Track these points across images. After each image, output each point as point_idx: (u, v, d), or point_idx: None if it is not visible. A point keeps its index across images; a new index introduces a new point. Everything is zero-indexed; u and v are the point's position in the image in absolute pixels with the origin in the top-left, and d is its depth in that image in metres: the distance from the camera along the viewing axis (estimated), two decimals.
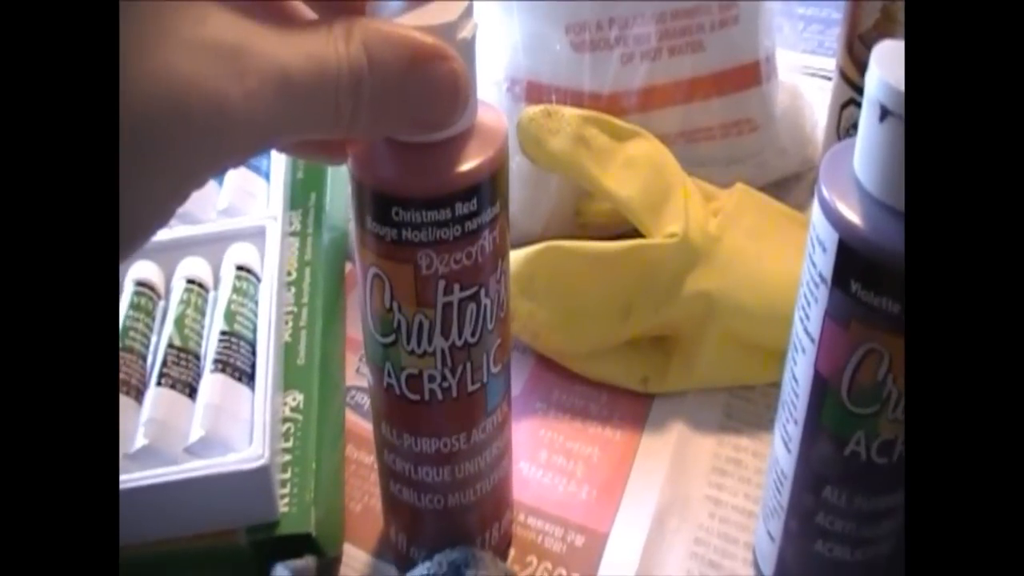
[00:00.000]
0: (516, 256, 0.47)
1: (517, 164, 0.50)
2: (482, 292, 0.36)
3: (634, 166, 0.49)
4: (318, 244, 0.52)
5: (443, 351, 0.36)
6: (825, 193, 0.34)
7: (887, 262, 0.32)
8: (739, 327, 0.47)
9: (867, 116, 0.32)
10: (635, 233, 0.49)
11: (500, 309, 0.37)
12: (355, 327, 0.51)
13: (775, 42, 0.56)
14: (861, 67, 0.49)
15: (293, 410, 0.45)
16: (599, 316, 0.47)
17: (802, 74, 0.62)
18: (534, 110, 0.49)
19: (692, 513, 0.43)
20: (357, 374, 0.50)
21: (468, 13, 0.34)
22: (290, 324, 0.48)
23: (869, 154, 0.33)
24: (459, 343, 0.36)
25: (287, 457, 0.43)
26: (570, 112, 0.49)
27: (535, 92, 0.52)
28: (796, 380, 0.37)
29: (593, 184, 0.48)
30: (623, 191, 0.48)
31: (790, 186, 0.57)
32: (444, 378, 0.37)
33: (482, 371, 0.37)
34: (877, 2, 0.49)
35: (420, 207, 0.34)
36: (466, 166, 0.34)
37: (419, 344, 0.36)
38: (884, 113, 0.31)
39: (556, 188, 0.51)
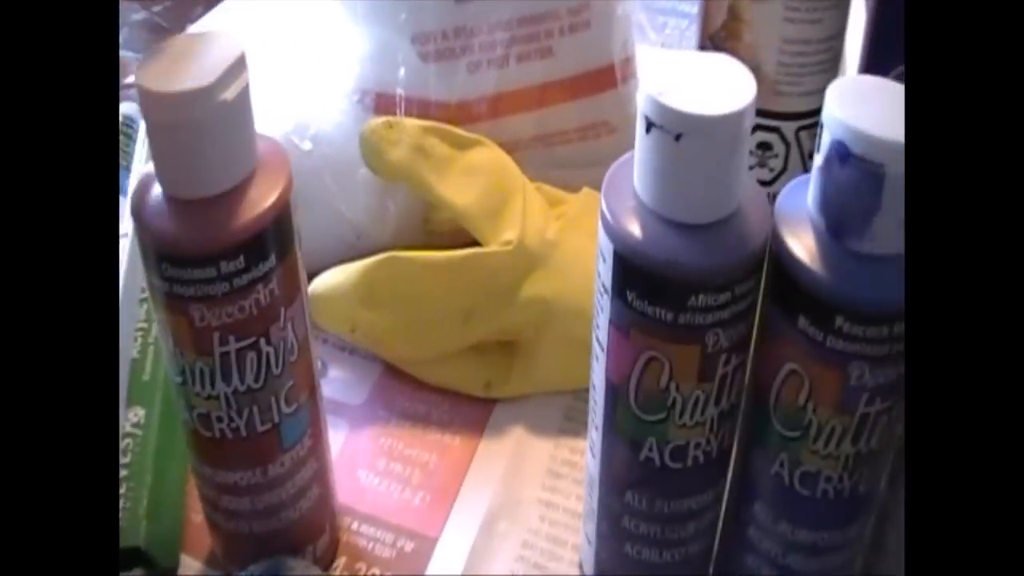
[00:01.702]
0: (356, 267, 0.47)
1: (364, 174, 0.50)
2: (262, 341, 0.36)
3: (473, 174, 0.49)
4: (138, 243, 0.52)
5: (226, 395, 0.37)
6: (605, 206, 0.34)
7: (658, 271, 0.32)
8: (577, 330, 0.46)
9: (638, 129, 0.32)
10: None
11: (290, 354, 0.37)
12: None
13: (634, 42, 0.56)
14: None
15: (134, 426, 0.45)
16: (440, 323, 0.47)
17: None
18: (376, 122, 0.49)
19: (523, 516, 0.43)
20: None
21: (234, 71, 0.33)
22: (139, 340, 0.48)
23: (642, 167, 0.33)
24: (242, 388, 0.36)
25: (123, 472, 0.43)
26: (411, 123, 0.49)
27: (384, 103, 0.52)
28: (595, 387, 0.37)
29: (430, 193, 0.48)
30: (460, 199, 0.48)
31: None
32: (231, 419, 0.37)
33: (272, 412, 0.37)
34: (725, 1, 0.49)
35: (185, 264, 0.34)
36: (232, 225, 0.34)
37: (203, 387, 0.36)
38: (649, 125, 0.31)
39: (404, 197, 0.51)
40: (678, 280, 0.32)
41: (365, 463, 0.46)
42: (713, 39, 0.50)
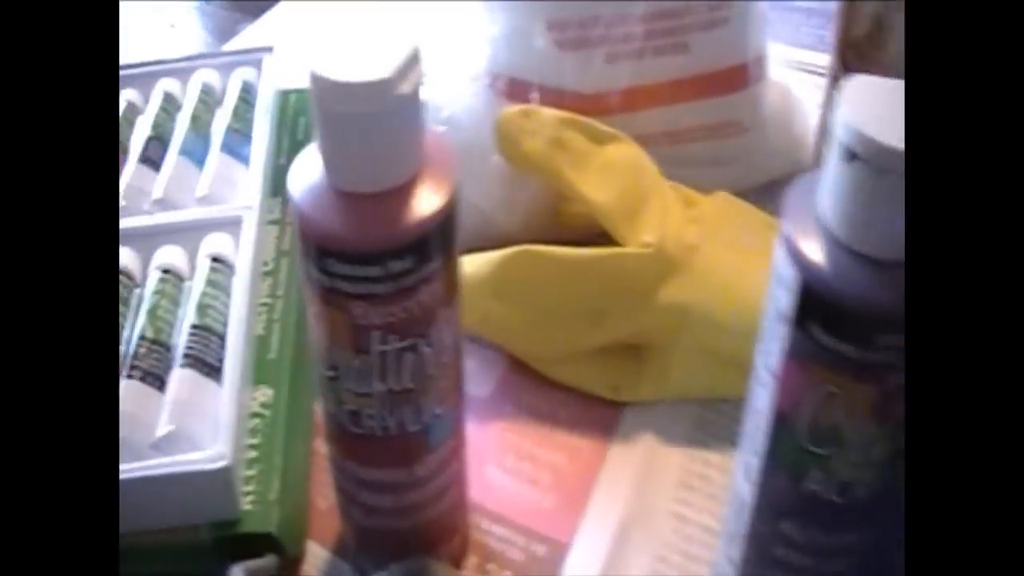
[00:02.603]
0: (490, 259, 0.46)
1: (497, 161, 0.48)
2: (421, 342, 0.35)
3: (611, 171, 0.47)
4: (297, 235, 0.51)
5: (381, 394, 0.35)
6: (788, 230, 0.32)
7: (849, 307, 0.31)
8: (713, 340, 0.45)
9: (835, 156, 0.31)
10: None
11: (444, 355, 0.36)
12: None
13: (766, 40, 0.54)
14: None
15: (262, 406, 0.44)
16: (571, 322, 0.46)
17: (797, 70, 0.60)
18: (512, 110, 0.48)
19: (656, 529, 0.42)
20: None
21: (410, 63, 0.32)
22: (264, 316, 0.47)
23: (835, 195, 0.31)
24: (397, 388, 0.35)
25: (253, 454, 0.42)
26: (548, 113, 0.48)
27: (516, 89, 0.51)
28: (757, 412, 0.36)
29: (568, 188, 0.47)
30: (598, 196, 0.47)
31: (778, 188, 0.55)
32: (383, 418, 0.36)
33: (423, 413, 0.36)
34: (870, 3, 0.47)
35: (352, 261, 0.33)
36: (402, 223, 0.33)
37: (358, 385, 0.35)
38: (852, 156, 0.30)
39: (535, 187, 0.50)
40: (868, 317, 0.31)
41: (493, 459, 0.45)
42: (854, 47, 0.48)
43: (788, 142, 0.55)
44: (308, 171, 0.35)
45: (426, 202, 0.33)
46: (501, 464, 0.45)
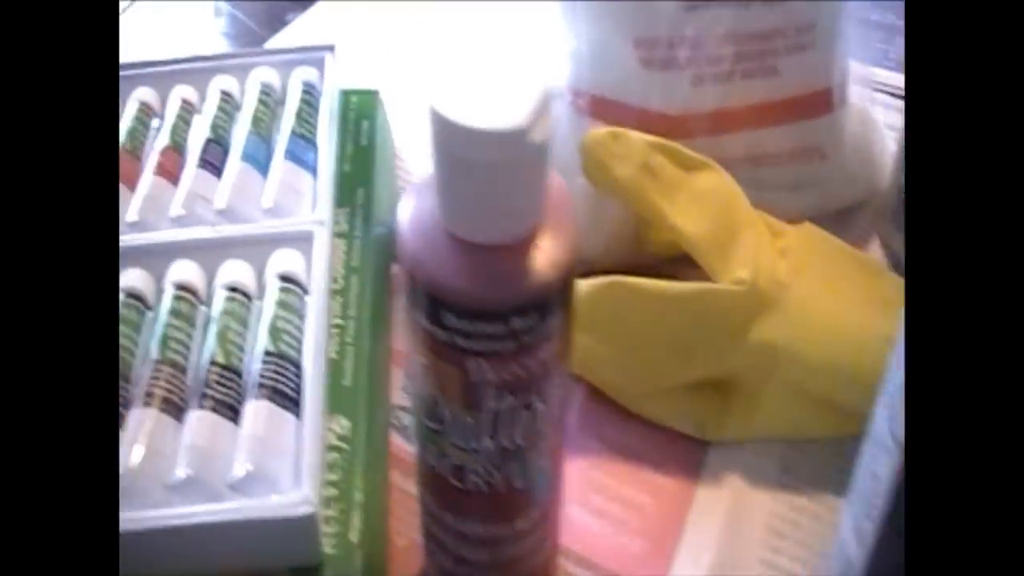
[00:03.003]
0: (578, 288, 0.44)
1: (581, 184, 0.46)
2: (536, 399, 0.33)
3: (702, 201, 0.45)
4: (367, 248, 0.49)
5: (490, 451, 0.33)
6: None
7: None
8: (804, 380, 0.43)
9: None
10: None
11: (555, 409, 0.34)
12: (402, 340, 0.48)
13: (848, 64, 0.52)
14: None
15: (339, 438, 0.42)
16: (660, 357, 0.44)
17: (866, 88, 0.58)
18: (600, 132, 0.45)
19: None
20: (403, 392, 0.47)
21: (542, 107, 0.29)
22: (336, 339, 0.45)
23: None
24: (507, 445, 0.33)
25: (332, 491, 0.40)
26: (638, 137, 0.45)
27: (600, 107, 0.48)
28: (877, 478, 0.34)
29: (658, 217, 0.45)
30: (690, 227, 0.44)
31: (854, 213, 0.53)
32: (489, 474, 0.34)
33: (530, 469, 0.34)
34: None
35: (473, 317, 0.30)
36: (529, 278, 0.30)
37: (465, 441, 0.33)
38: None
39: (618, 212, 0.47)
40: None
41: (577, 497, 0.43)
42: None
43: (866, 168, 0.53)
44: (420, 213, 0.32)
45: (553, 255, 0.31)
46: (587, 504, 0.43)
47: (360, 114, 0.55)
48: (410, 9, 0.67)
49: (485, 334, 0.31)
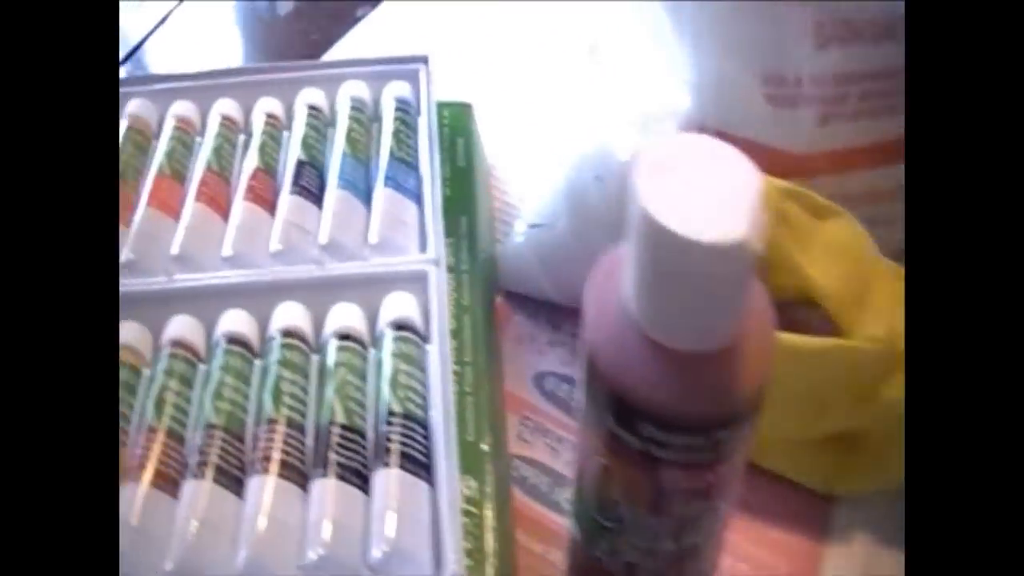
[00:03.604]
0: None
1: None
2: (722, 501, 0.31)
3: (833, 250, 0.43)
4: (475, 284, 0.46)
5: (670, 551, 0.31)
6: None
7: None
8: None
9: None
10: (812, 303, 0.44)
11: (732, 502, 0.32)
12: (512, 380, 0.46)
13: None
14: None
15: (467, 500, 0.39)
16: (790, 411, 0.42)
17: None
18: None
19: None
20: (519, 440, 0.44)
21: (758, 208, 0.27)
22: (454, 389, 0.42)
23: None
24: (686, 545, 0.31)
25: (468, 561, 0.38)
26: (770, 183, 0.43)
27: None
28: None
29: (792, 267, 0.42)
30: (823, 278, 0.42)
31: None
32: (663, 572, 0.32)
33: (703, 563, 0.33)
34: None
35: (674, 430, 0.28)
36: (736, 389, 0.28)
37: (643, 541, 0.31)
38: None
39: None
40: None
41: None
42: None
43: None
44: (608, 308, 0.30)
45: (758, 361, 0.29)
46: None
47: (454, 130, 0.51)
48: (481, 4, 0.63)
49: (684, 445, 0.29)
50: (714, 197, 0.27)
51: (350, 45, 0.60)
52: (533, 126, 0.56)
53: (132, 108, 0.51)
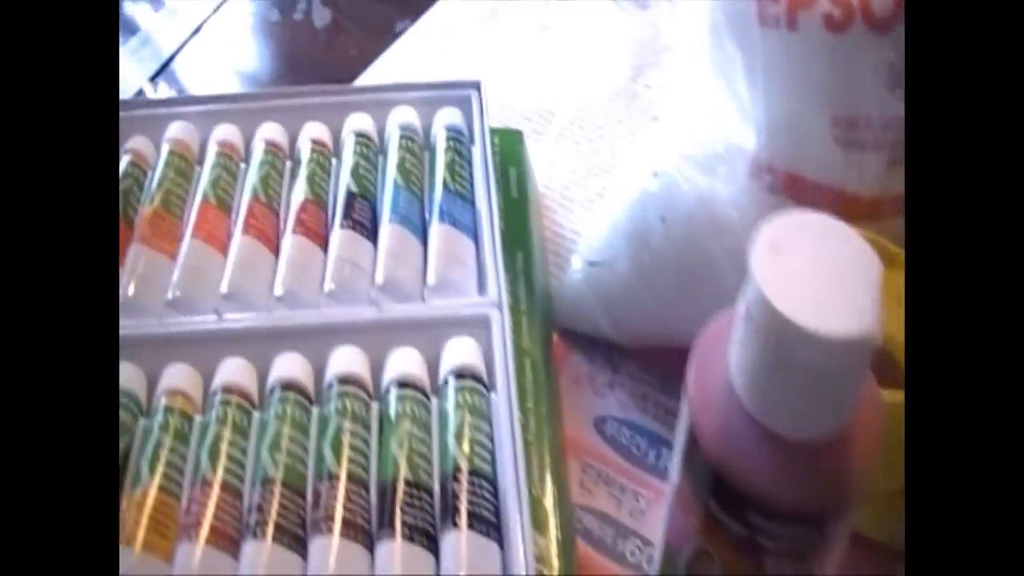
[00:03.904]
0: None
1: None
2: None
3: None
4: (533, 324, 0.44)
5: None
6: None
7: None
8: None
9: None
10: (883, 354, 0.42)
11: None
12: (571, 424, 0.44)
13: None
14: None
15: (536, 558, 0.38)
16: None
17: None
18: None
19: None
20: (582, 489, 0.43)
21: (877, 304, 0.26)
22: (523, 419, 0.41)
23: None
24: None
25: None
26: None
27: (792, 185, 0.44)
28: None
29: None
30: (899, 333, 0.41)
31: None
32: None
33: None
34: None
35: (782, 520, 0.27)
36: (849, 478, 0.27)
37: None
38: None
39: None
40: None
41: None
42: None
43: None
44: (714, 387, 0.28)
45: (869, 449, 0.27)
46: None
47: (506, 158, 0.49)
48: (525, 17, 0.61)
49: (792, 535, 0.27)
50: (834, 284, 0.26)
51: (391, 62, 0.58)
52: (582, 154, 0.54)
53: (173, 132, 0.49)
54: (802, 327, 0.25)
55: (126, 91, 0.57)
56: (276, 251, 0.44)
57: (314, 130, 0.49)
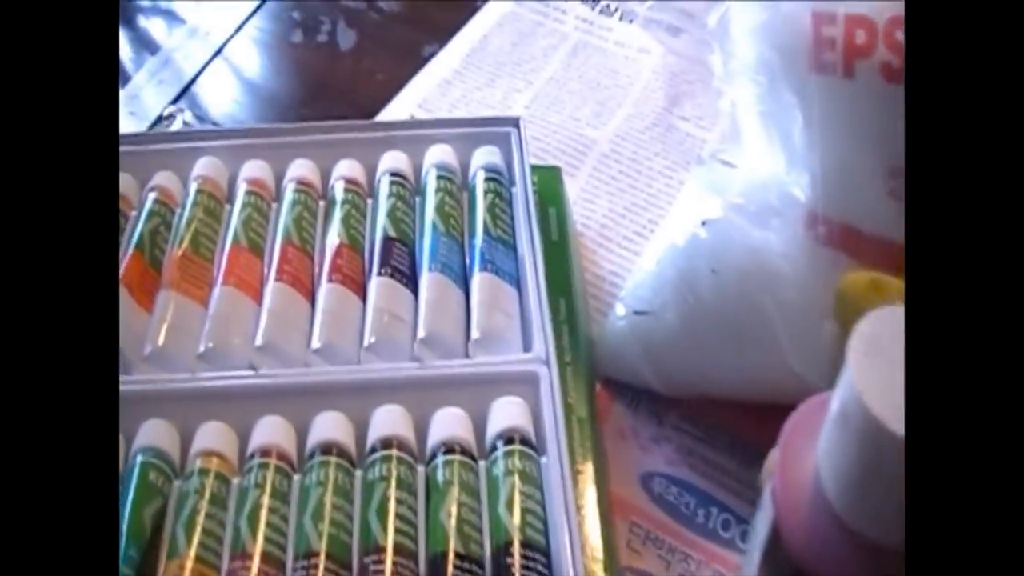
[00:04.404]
0: None
1: (830, 329, 0.40)
2: None
3: None
4: (579, 377, 0.42)
5: None
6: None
7: None
8: None
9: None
10: None
11: None
12: (617, 480, 0.42)
13: None
14: None
15: None
16: None
17: None
18: (860, 280, 0.39)
19: None
20: (629, 550, 0.41)
21: None
22: None
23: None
24: None
25: None
26: (896, 286, 0.39)
27: (846, 237, 0.42)
28: None
29: None
30: None
31: None
32: None
33: None
34: None
35: None
36: None
37: None
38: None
39: None
40: None
41: None
42: None
43: None
44: (800, 485, 0.26)
45: None
46: None
47: (545, 198, 0.47)
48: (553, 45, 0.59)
49: None
50: None
51: (419, 88, 0.56)
52: (620, 190, 0.52)
53: (201, 168, 0.46)
54: (896, 434, 0.23)
55: (148, 115, 0.55)
56: (311, 297, 0.42)
57: (347, 168, 0.46)
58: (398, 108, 0.54)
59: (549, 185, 0.48)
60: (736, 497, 0.42)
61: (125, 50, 0.58)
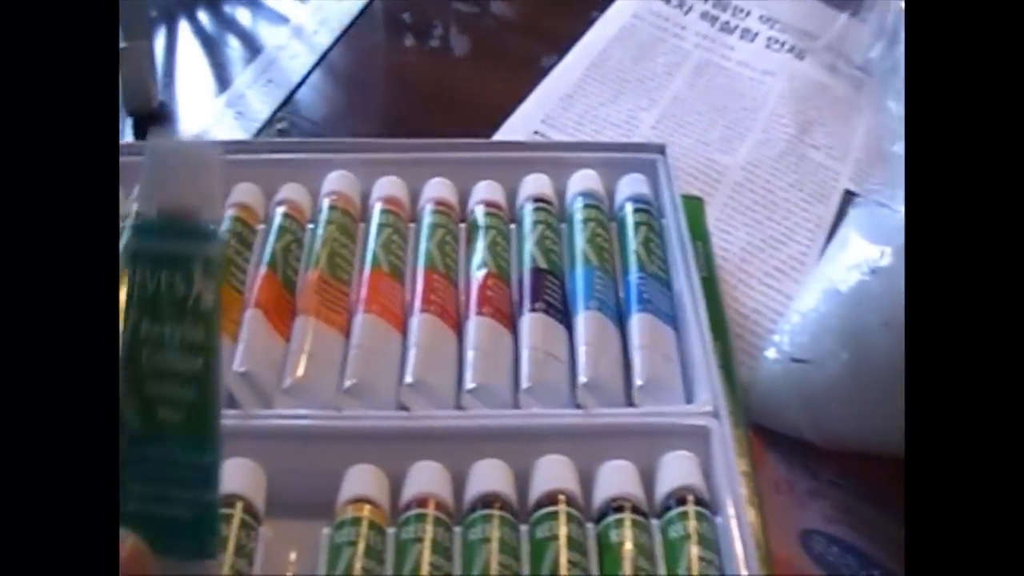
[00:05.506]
0: None
1: None
2: None
3: None
4: (739, 428, 0.39)
5: None
6: None
7: None
8: None
9: None
10: None
11: None
12: (776, 537, 0.39)
13: None
14: None
15: None
16: None
17: None
18: None
19: None
20: None
21: None
22: None
23: None
24: None
25: None
26: None
27: None
28: None
29: None
30: None
31: None
32: None
33: None
34: None
35: None
36: None
37: None
38: None
39: None
40: None
41: None
42: None
43: None
44: None
45: None
46: None
47: (694, 231, 0.44)
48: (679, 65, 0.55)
49: None
50: None
51: (543, 102, 0.52)
52: (757, 222, 0.48)
53: (334, 184, 0.43)
54: None
55: (255, 116, 0.51)
56: (458, 330, 0.39)
57: (487, 190, 0.43)
58: (520, 122, 0.51)
59: (694, 217, 0.44)
60: (899, 561, 0.39)
61: (228, 49, 0.54)
